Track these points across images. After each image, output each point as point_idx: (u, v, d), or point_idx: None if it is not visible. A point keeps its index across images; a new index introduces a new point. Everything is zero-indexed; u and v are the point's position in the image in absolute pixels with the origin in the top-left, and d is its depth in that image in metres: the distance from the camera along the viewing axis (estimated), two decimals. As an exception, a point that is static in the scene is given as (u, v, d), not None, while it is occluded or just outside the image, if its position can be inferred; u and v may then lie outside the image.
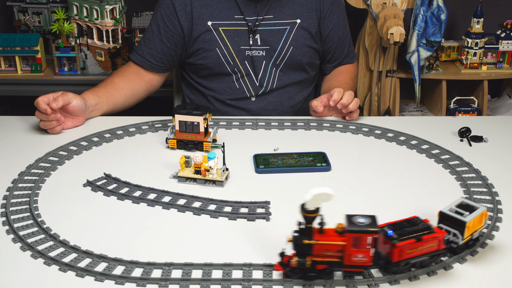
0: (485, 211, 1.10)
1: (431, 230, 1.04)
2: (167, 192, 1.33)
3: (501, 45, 2.72)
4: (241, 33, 1.82)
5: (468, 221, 1.07)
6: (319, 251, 1.01)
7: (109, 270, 1.08)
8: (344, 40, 1.97)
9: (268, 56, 1.84)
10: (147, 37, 1.87)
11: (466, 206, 1.10)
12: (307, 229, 1.00)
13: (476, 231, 1.12)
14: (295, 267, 1.03)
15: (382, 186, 1.38)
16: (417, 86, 2.60)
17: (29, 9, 2.78)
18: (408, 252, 1.03)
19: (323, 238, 1.01)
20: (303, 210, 0.98)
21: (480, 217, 1.10)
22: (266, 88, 1.87)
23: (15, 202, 1.30)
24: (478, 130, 1.64)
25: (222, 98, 1.90)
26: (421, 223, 1.06)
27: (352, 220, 1.00)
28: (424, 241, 1.03)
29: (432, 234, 1.04)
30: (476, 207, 1.10)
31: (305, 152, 1.50)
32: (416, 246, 1.03)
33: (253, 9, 1.81)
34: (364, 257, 1.01)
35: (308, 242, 1.00)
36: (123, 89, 1.81)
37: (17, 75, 2.68)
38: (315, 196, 0.97)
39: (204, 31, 1.81)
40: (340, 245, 1.00)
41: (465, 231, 1.07)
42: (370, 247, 1.00)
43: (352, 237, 0.99)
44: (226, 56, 1.83)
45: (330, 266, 1.03)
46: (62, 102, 1.57)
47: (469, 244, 1.12)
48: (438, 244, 1.05)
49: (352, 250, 1.00)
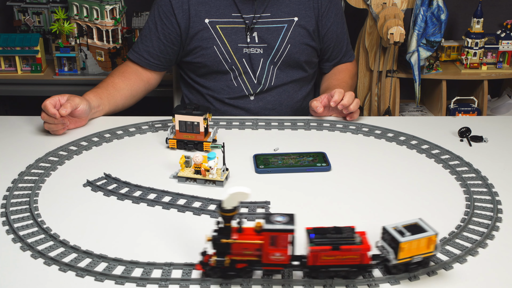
0: (433, 236, 1.03)
1: (353, 242, 1.01)
2: (167, 192, 1.33)
3: (501, 45, 2.72)
4: (238, 31, 1.82)
5: (403, 242, 1.01)
6: (238, 250, 1.02)
7: (109, 270, 1.08)
8: (342, 39, 1.97)
9: (266, 54, 1.84)
10: (144, 35, 1.87)
11: (415, 227, 1.04)
12: (226, 228, 1.01)
13: (419, 255, 1.04)
14: (214, 266, 1.03)
15: (382, 186, 1.38)
16: (417, 86, 2.59)
17: (29, 9, 2.78)
18: (324, 259, 1.01)
19: (242, 237, 1.01)
20: (221, 210, 0.99)
21: (426, 242, 1.03)
22: (264, 86, 1.87)
23: (15, 202, 1.30)
24: (478, 130, 1.64)
25: (221, 97, 1.89)
26: (349, 233, 1.02)
27: (270, 219, 1.00)
28: (343, 251, 1.01)
29: (353, 245, 1.01)
30: (425, 230, 1.03)
31: (305, 152, 1.50)
32: (334, 254, 1.01)
33: (251, 7, 1.81)
34: (281, 256, 1.01)
35: (226, 241, 1.01)
36: (124, 90, 1.82)
37: (17, 75, 2.68)
38: (232, 195, 0.97)
39: (202, 28, 1.81)
40: (257, 243, 1.01)
41: (399, 251, 1.02)
42: (287, 246, 1.00)
43: (269, 236, 0.99)
44: (224, 54, 1.83)
45: (249, 265, 1.03)
46: (71, 109, 1.58)
47: (409, 267, 1.05)
48: (361, 258, 1.02)
49: (270, 249, 1.00)
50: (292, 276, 1.06)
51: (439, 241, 1.06)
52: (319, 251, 1.01)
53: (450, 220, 1.24)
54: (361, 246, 1.01)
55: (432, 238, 1.03)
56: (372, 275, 1.06)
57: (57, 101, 1.59)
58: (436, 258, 1.11)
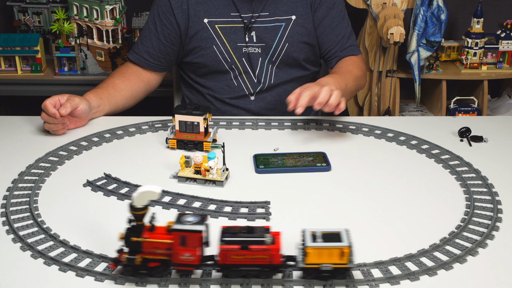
0: (345, 248, 1.00)
1: (262, 242, 1.00)
2: (167, 192, 1.33)
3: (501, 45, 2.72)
4: (237, 30, 1.82)
5: (309, 247, 1.00)
6: (149, 249, 1.02)
7: (109, 270, 1.08)
8: (339, 33, 1.88)
9: (264, 53, 1.84)
10: (144, 35, 1.87)
11: (333, 236, 1.01)
12: (138, 226, 1.02)
13: (328, 264, 1.02)
14: (126, 264, 1.04)
15: (382, 186, 1.38)
16: (417, 86, 2.60)
17: (29, 9, 2.78)
18: (234, 258, 1.01)
19: (152, 236, 1.02)
20: (131, 208, 1.00)
21: (338, 252, 1.01)
22: (264, 84, 1.87)
23: (15, 202, 1.30)
24: (478, 130, 1.64)
25: (221, 97, 1.90)
26: (260, 233, 1.01)
27: (181, 219, 1.00)
28: (252, 250, 1.01)
29: (262, 245, 1.00)
30: (340, 241, 1.01)
31: (305, 152, 1.50)
32: (243, 253, 1.01)
33: (249, 6, 1.81)
34: (191, 256, 1.01)
35: (136, 239, 1.01)
36: (124, 90, 1.82)
37: (17, 75, 2.68)
38: (141, 194, 0.98)
39: (200, 28, 1.81)
40: (167, 243, 1.01)
41: (305, 256, 1.01)
42: (197, 246, 1.00)
43: (178, 236, 1.00)
44: (223, 53, 1.83)
45: (162, 264, 1.04)
46: (71, 108, 1.58)
47: (321, 274, 1.03)
48: (271, 258, 1.02)
49: (179, 249, 1.01)
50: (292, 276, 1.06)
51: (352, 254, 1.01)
52: (228, 250, 1.01)
53: (450, 220, 1.24)
54: (270, 247, 1.01)
55: (344, 249, 1.00)
56: (372, 275, 1.06)
57: (57, 101, 1.59)
58: (436, 258, 1.11)
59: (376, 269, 1.08)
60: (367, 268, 1.08)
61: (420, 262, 1.10)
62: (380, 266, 1.09)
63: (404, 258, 1.11)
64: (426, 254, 1.12)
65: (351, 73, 1.79)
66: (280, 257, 1.02)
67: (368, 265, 1.09)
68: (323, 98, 1.48)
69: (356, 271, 1.08)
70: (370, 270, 1.08)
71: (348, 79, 1.74)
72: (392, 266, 1.09)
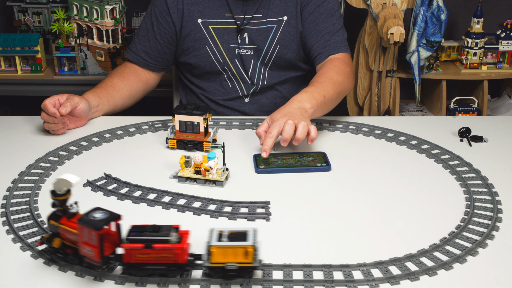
0: (249, 247, 1.00)
1: (167, 241, 1.00)
2: (167, 192, 1.33)
3: (501, 45, 2.72)
4: (230, 32, 1.82)
5: (213, 246, 1.00)
6: (65, 235, 1.05)
7: (109, 270, 1.08)
8: (324, 29, 1.79)
9: (256, 55, 1.84)
10: (141, 35, 1.87)
11: (239, 235, 1.01)
12: (59, 211, 1.05)
13: (233, 263, 1.01)
14: (48, 245, 1.07)
15: (382, 186, 1.38)
16: (417, 86, 2.59)
17: (29, 9, 2.78)
18: (138, 256, 1.02)
19: (67, 223, 1.04)
20: (52, 193, 1.03)
21: (242, 251, 1.00)
22: (257, 86, 1.87)
23: (15, 202, 1.30)
24: (478, 130, 1.64)
25: (215, 99, 1.89)
26: (166, 232, 1.01)
27: (90, 213, 1.02)
28: (156, 249, 1.01)
29: (166, 244, 1.00)
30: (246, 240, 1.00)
31: (305, 152, 1.50)
32: (147, 252, 1.01)
33: (242, 8, 1.80)
34: (91, 252, 1.02)
35: (53, 223, 1.05)
36: (122, 90, 1.81)
37: (17, 75, 2.68)
38: (58, 181, 1.02)
39: (194, 28, 1.80)
40: (74, 233, 1.03)
41: (210, 255, 1.01)
42: (97, 243, 1.00)
43: (81, 228, 1.01)
44: (216, 54, 1.82)
45: (75, 252, 1.05)
46: (70, 108, 1.58)
47: (227, 273, 1.03)
48: (176, 257, 1.02)
49: (83, 242, 1.02)
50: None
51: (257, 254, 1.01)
52: (131, 248, 1.01)
53: (450, 220, 1.24)
54: (175, 245, 1.01)
55: (248, 248, 1.00)
56: (372, 275, 1.06)
57: (56, 101, 1.59)
58: (436, 258, 1.11)
59: (376, 269, 1.08)
60: (367, 268, 1.08)
61: (420, 262, 1.10)
62: (380, 266, 1.09)
63: (404, 258, 1.11)
64: (426, 254, 1.12)
65: (331, 79, 1.67)
66: (185, 256, 1.03)
67: (368, 265, 1.09)
68: (286, 134, 1.43)
69: (356, 271, 1.08)
70: (370, 270, 1.08)
71: (326, 88, 1.62)
72: (392, 266, 1.09)
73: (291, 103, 1.54)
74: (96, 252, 1.01)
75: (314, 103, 1.55)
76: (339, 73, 1.71)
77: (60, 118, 1.58)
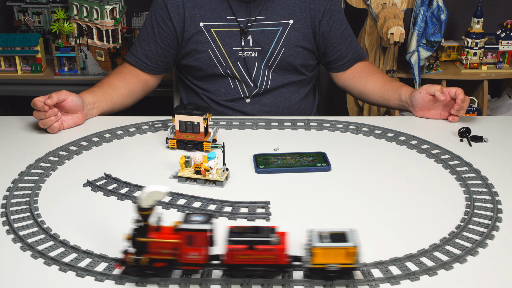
0: (351, 248, 1.00)
1: (268, 242, 1.00)
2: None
3: (501, 45, 2.73)
4: (233, 34, 1.81)
5: (316, 247, 1.00)
6: (156, 249, 1.02)
7: (109, 270, 1.08)
8: (348, 35, 1.91)
9: (260, 57, 1.84)
10: (142, 38, 1.87)
11: (339, 236, 1.01)
12: (144, 227, 1.02)
13: (335, 264, 1.01)
14: (132, 264, 1.04)
15: (382, 186, 1.38)
16: (417, 86, 2.60)
17: (29, 9, 2.78)
18: (240, 258, 1.02)
19: (159, 235, 1.02)
20: (138, 209, 1.00)
21: (343, 252, 1.00)
22: (260, 88, 1.87)
23: (15, 202, 1.30)
24: (478, 130, 1.64)
25: (217, 99, 1.89)
26: (266, 233, 1.01)
27: (187, 218, 1.01)
28: (258, 250, 1.01)
29: (267, 245, 1.00)
30: (347, 241, 1.01)
31: (305, 152, 1.51)
32: (249, 253, 1.01)
33: (245, 10, 1.80)
34: (198, 255, 1.01)
35: (142, 240, 1.02)
36: (120, 88, 1.81)
37: (17, 75, 2.69)
38: (149, 194, 0.98)
39: (196, 32, 1.80)
40: (174, 243, 1.02)
41: (312, 256, 1.00)
42: (204, 245, 1.00)
43: (185, 235, 1.00)
44: (219, 57, 1.82)
45: (169, 264, 1.04)
46: (56, 98, 1.58)
47: (327, 274, 1.03)
48: (277, 258, 1.01)
49: (186, 248, 1.01)
50: (293, 276, 1.06)
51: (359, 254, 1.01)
52: (234, 250, 1.01)
53: (450, 220, 1.24)
54: (276, 247, 1.01)
55: (350, 250, 1.00)
56: (372, 275, 1.06)
57: (45, 98, 1.59)
58: (436, 258, 1.11)
59: (376, 269, 1.08)
60: (367, 268, 1.08)
61: (420, 262, 1.10)
62: (380, 266, 1.09)
63: (404, 258, 1.11)
64: (426, 254, 1.12)
65: (393, 81, 1.91)
66: (286, 257, 1.02)
67: (368, 265, 1.09)
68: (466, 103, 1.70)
69: (356, 271, 1.08)
70: (370, 270, 1.08)
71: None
72: (392, 266, 1.09)
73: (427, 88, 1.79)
74: (203, 255, 1.01)
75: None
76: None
77: (50, 111, 1.57)
